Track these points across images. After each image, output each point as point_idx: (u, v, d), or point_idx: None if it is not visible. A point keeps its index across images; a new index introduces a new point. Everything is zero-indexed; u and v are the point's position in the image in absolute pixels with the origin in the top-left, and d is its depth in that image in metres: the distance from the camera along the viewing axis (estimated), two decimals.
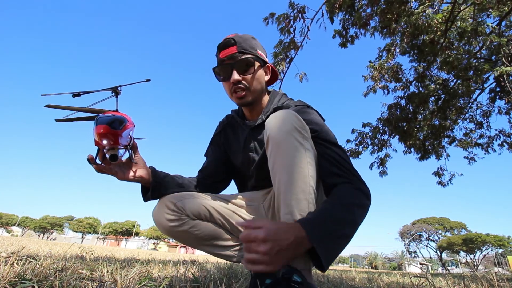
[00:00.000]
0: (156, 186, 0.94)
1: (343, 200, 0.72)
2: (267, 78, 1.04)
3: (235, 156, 1.10)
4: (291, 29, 4.83)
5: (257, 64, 0.97)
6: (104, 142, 0.72)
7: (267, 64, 1.04)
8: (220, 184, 1.16)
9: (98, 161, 0.80)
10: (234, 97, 0.98)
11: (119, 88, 0.91)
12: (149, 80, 0.98)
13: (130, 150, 0.88)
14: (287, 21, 4.75)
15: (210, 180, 1.12)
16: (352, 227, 0.70)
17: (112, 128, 0.73)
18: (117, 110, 0.88)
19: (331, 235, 0.66)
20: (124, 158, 0.89)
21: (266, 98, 1.05)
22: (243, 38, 0.97)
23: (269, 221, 0.64)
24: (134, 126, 0.88)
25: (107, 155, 0.79)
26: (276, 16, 4.78)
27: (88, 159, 0.78)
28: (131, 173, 0.90)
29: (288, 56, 5.07)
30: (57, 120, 0.85)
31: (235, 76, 0.94)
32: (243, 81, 0.95)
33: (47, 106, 0.81)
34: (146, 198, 0.97)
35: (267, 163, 0.81)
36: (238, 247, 1.01)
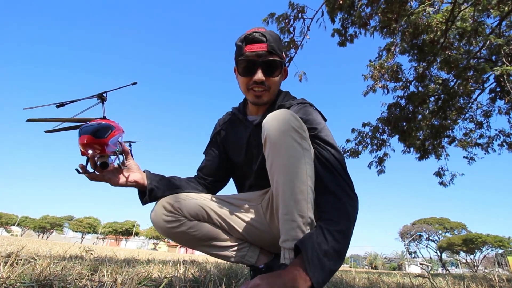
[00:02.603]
0: (152, 189, 0.94)
1: (338, 226, 0.70)
2: (282, 79, 1.06)
3: (237, 153, 1.09)
4: (291, 29, 4.84)
5: (282, 68, 0.99)
6: (90, 152, 0.71)
7: (285, 67, 1.05)
8: (218, 183, 1.15)
9: (90, 169, 0.79)
10: (250, 94, 0.97)
11: (104, 94, 0.89)
12: (135, 83, 0.97)
13: (121, 156, 0.87)
14: (286, 20, 4.75)
15: (208, 179, 1.11)
16: (343, 256, 0.71)
17: (97, 137, 0.71)
18: (104, 117, 0.86)
19: (329, 274, 0.66)
20: (115, 164, 0.88)
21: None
22: (274, 37, 0.95)
23: (264, 281, 0.61)
24: (123, 131, 0.87)
25: (97, 163, 0.77)
26: (276, 16, 4.78)
27: (78, 169, 0.76)
28: (125, 179, 0.90)
29: (288, 56, 5.08)
30: (46, 131, 0.83)
31: (260, 75, 0.92)
32: (266, 82, 0.94)
33: (29, 120, 0.79)
34: (143, 202, 0.97)
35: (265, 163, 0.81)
36: (236, 247, 1.00)
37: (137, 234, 56.19)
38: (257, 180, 1.04)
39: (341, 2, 4.37)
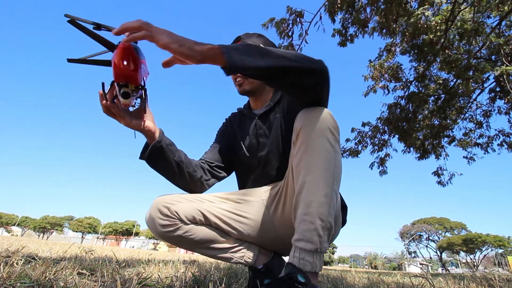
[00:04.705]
0: (157, 148, 0.90)
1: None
2: None
3: (242, 143, 1.12)
4: (290, 33, 4.85)
5: None
6: (125, 63, 0.66)
7: None
8: (221, 170, 1.12)
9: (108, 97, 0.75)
10: (236, 86, 1.10)
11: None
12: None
13: (143, 96, 0.82)
14: (285, 25, 4.77)
15: (212, 163, 1.10)
16: (272, 59, 0.65)
17: (137, 52, 0.68)
18: None
19: (244, 52, 0.64)
20: (135, 107, 0.84)
21: (271, 89, 1.13)
22: (248, 35, 1.10)
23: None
24: (149, 73, 0.82)
25: (119, 93, 0.72)
26: (275, 21, 4.79)
27: (101, 90, 0.73)
28: (139, 122, 0.85)
29: None
30: (69, 60, 0.78)
31: None
32: None
33: (70, 60, 0.76)
34: (142, 156, 0.93)
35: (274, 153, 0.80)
36: (234, 249, 0.99)
37: (137, 234, 56.18)
38: (262, 170, 1.05)
39: (339, 4, 4.37)
